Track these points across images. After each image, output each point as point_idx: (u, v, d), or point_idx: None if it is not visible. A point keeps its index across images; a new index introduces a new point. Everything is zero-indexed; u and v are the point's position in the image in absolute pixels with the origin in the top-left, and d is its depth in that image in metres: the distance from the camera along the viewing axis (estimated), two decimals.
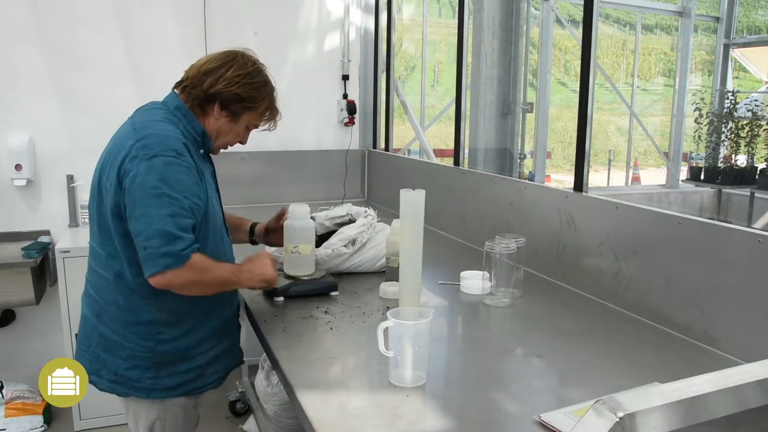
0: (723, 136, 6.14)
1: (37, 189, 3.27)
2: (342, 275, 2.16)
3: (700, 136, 6.36)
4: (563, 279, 2.16)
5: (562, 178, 10.80)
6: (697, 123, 6.24)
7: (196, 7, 3.46)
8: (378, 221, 2.23)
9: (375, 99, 3.97)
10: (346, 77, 3.89)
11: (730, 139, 6.11)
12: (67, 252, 2.91)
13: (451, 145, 3.09)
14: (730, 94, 6.25)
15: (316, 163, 3.85)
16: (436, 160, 4.02)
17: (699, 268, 1.65)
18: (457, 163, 3.00)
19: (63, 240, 3.11)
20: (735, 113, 6.09)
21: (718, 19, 7.41)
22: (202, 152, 1.70)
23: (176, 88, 1.69)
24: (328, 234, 2.20)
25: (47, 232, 3.27)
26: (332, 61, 3.87)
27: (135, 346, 1.61)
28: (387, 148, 3.85)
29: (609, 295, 1.95)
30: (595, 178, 9.47)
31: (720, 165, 6.06)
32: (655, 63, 14.67)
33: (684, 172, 6.71)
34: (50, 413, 3.13)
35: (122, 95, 3.24)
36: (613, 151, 9.82)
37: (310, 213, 2.00)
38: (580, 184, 2.14)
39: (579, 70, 2.12)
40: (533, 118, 5.58)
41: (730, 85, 7.26)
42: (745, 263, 1.53)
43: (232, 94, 1.64)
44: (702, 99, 6.29)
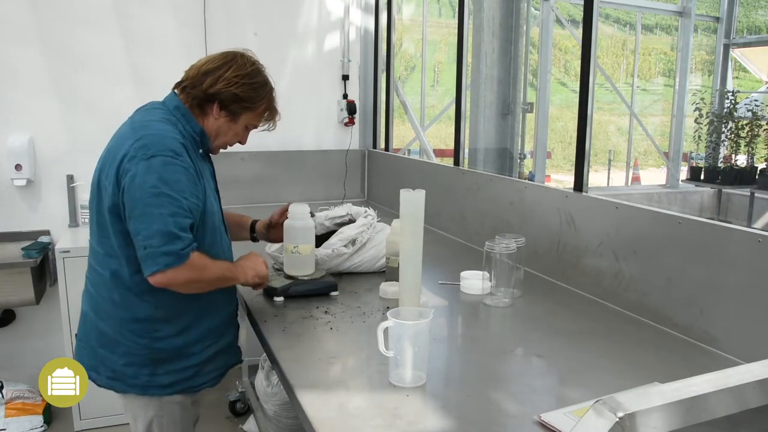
0: (723, 136, 6.14)
1: (37, 189, 3.27)
2: (342, 275, 2.16)
3: (700, 136, 6.36)
4: (563, 279, 2.16)
5: (562, 178, 10.80)
6: (697, 123, 6.24)
7: (196, 7, 3.46)
8: (378, 221, 2.23)
9: (375, 99, 3.97)
10: (346, 77, 3.89)
11: (730, 139, 6.11)
12: (67, 252, 2.91)
13: (451, 145, 3.09)
14: (730, 94, 6.25)
15: (316, 163, 3.85)
16: (436, 160, 4.02)
17: (699, 268, 1.65)
18: (457, 163, 3.00)
19: (63, 240, 3.12)
20: (735, 113, 6.09)
21: (718, 19, 7.41)
22: (201, 152, 1.71)
23: (176, 88, 1.70)
24: (328, 234, 2.20)
25: (47, 232, 3.27)
26: (332, 61, 3.87)
27: (131, 343, 1.63)
28: (387, 148, 3.85)
29: (609, 295, 1.95)
30: (595, 178, 9.47)
31: (720, 165, 6.06)
32: (655, 63, 14.66)
33: (684, 172, 6.71)
34: (50, 413, 3.13)
35: (122, 95, 3.25)
36: (613, 151, 9.82)
37: (310, 213, 2.00)
38: (580, 184, 2.14)
39: (579, 70, 2.12)
40: (533, 118, 5.58)
41: (730, 85, 7.26)
42: (745, 263, 1.53)
43: (231, 94, 1.65)
44: (702, 99, 6.29)
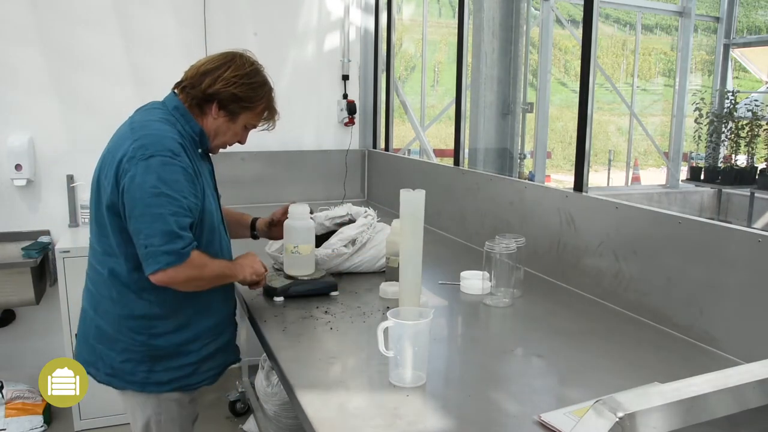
0: (723, 136, 6.14)
1: (37, 189, 3.27)
2: (342, 275, 2.16)
3: (700, 136, 6.36)
4: (563, 279, 2.16)
5: (562, 178, 10.79)
6: (697, 123, 6.24)
7: (196, 7, 3.46)
8: (378, 221, 2.23)
9: (375, 99, 3.97)
10: (346, 77, 3.89)
11: (730, 139, 6.11)
12: (67, 252, 2.91)
13: (451, 145, 3.09)
14: (730, 94, 6.25)
15: (316, 163, 3.85)
16: (436, 160, 4.02)
17: (699, 268, 1.65)
18: (457, 163, 3.00)
19: (63, 240, 3.12)
20: (735, 113, 6.09)
21: (718, 19, 7.41)
22: (200, 152, 1.72)
23: (176, 88, 1.71)
24: (328, 234, 2.20)
25: (47, 232, 3.27)
26: (332, 61, 3.87)
27: (129, 340, 1.64)
28: (387, 148, 3.85)
29: (609, 295, 1.95)
30: (595, 178, 9.47)
31: (720, 165, 6.06)
32: (655, 63, 14.66)
33: (684, 172, 6.71)
34: (50, 413, 3.13)
35: (122, 95, 3.25)
36: (613, 151, 9.82)
37: (310, 213, 2.01)
38: (580, 184, 2.14)
39: (579, 70, 2.12)
40: (533, 118, 5.58)
41: (730, 85, 7.26)
42: (745, 263, 1.53)
43: (230, 93, 1.66)
44: (702, 99, 6.29)
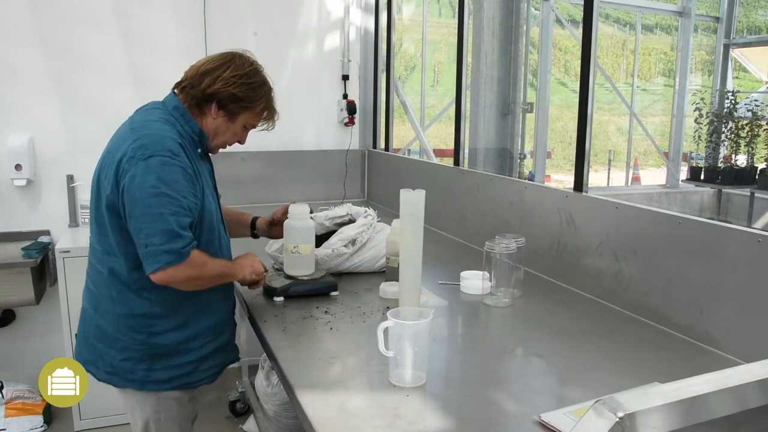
0: (723, 136, 6.14)
1: (37, 189, 3.27)
2: (342, 275, 2.16)
3: (700, 136, 6.36)
4: (563, 279, 2.16)
5: (562, 178, 10.79)
6: (697, 123, 6.25)
7: (196, 7, 3.46)
8: (378, 221, 2.23)
9: (375, 99, 3.97)
10: (346, 77, 3.89)
11: (730, 139, 6.11)
12: (67, 252, 2.91)
13: (451, 145, 3.09)
14: (730, 94, 6.25)
15: (316, 163, 3.85)
16: (436, 160, 4.02)
17: (699, 268, 1.65)
18: (457, 163, 3.00)
19: (63, 240, 3.11)
20: (735, 113, 6.09)
21: (718, 19, 7.41)
22: (200, 151, 1.72)
23: (176, 88, 1.72)
24: (328, 234, 2.20)
25: (47, 232, 3.27)
26: (332, 61, 3.87)
27: (128, 339, 1.65)
28: (387, 148, 3.85)
29: (609, 295, 1.95)
30: (595, 178, 9.47)
31: (720, 165, 6.06)
32: (655, 63, 14.66)
33: (684, 172, 6.71)
34: (50, 413, 3.13)
35: (122, 95, 3.25)
36: (613, 151, 9.82)
37: (310, 213, 2.01)
38: (580, 184, 2.14)
39: (579, 70, 2.12)
40: (533, 118, 5.58)
41: (730, 85, 7.26)
42: (745, 263, 1.53)
43: (229, 93, 1.66)
44: (702, 99, 6.29)
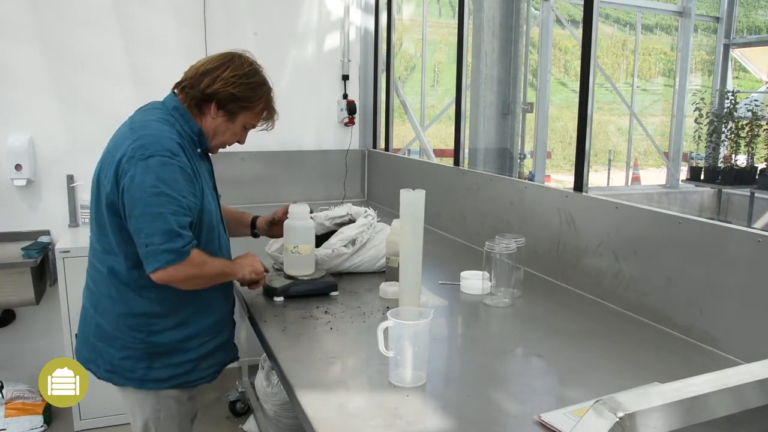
0: (723, 136, 6.14)
1: (37, 189, 3.27)
2: (342, 275, 2.16)
3: (700, 136, 6.36)
4: (563, 279, 2.16)
5: (562, 178, 10.79)
6: (697, 123, 6.25)
7: (196, 7, 3.46)
8: (378, 221, 2.23)
9: (375, 99, 3.97)
10: (346, 77, 3.89)
11: (730, 139, 6.11)
12: (67, 252, 2.91)
13: (451, 145, 3.09)
14: (730, 94, 6.25)
15: (316, 163, 3.85)
16: (436, 160, 4.02)
17: (699, 268, 1.65)
18: (457, 163, 3.00)
19: (63, 240, 3.11)
20: (735, 113, 6.09)
21: (718, 19, 7.41)
22: (199, 151, 1.73)
23: (175, 88, 1.73)
24: (328, 234, 2.20)
25: (47, 232, 3.27)
26: (332, 61, 3.87)
27: (127, 338, 1.66)
28: (387, 148, 3.85)
29: (609, 295, 1.95)
30: (595, 178, 9.47)
31: (720, 165, 6.06)
32: (655, 63, 14.65)
33: (684, 172, 6.71)
34: (50, 413, 3.13)
35: (122, 95, 3.25)
36: (613, 151, 9.81)
37: (310, 213, 2.01)
38: (580, 184, 2.14)
39: (579, 70, 2.12)
40: (533, 118, 5.58)
41: (730, 85, 7.25)
42: (745, 263, 1.53)
43: (228, 93, 1.67)
44: (702, 99, 6.29)
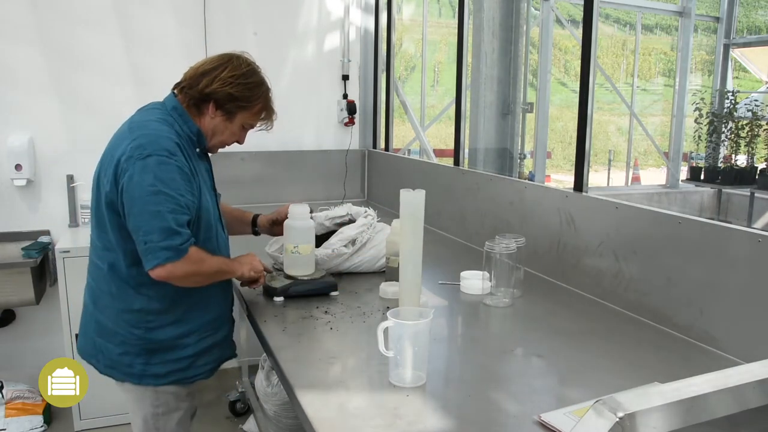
0: (723, 136, 6.14)
1: (37, 189, 3.27)
2: (342, 275, 2.16)
3: (700, 136, 6.36)
4: (563, 279, 2.16)
5: (562, 178, 10.79)
6: (697, 123, 6.24)
7: (196, 7, 3.46)
8: (378, 221, 2.23)
9: (375, 99, 3.97)
10: (346, 77, 3.89)
11: (730, 139, 6.11)
12: (67, 252, 2.91)
13: (451, 145, 3.09)
14: (730, 94, 6.25)
15: (316, 163, 3.85)
16: (436, 160, 4.02)
17: (699, 268, 1.65)
18: (457, 163, 3.00)
19: (63, 240, 3.11)
20: (735, 113, 6.09)
21: (718, 19, 7.41)
22: (198, 151, 1.75)
23: (175, 89, 1.75)
24: (328, 234, 2.20)
25: (47, 232, 3.27)
26: (332, 61, 3.87)
27: (126, 333, 1.68)
28: (387, 148, 3.85)
29: (609, 295, 1.95)
30: (595, 178, 9.47)
31: (720, 165, 6.06)
32: (655, 63, 14.65)
33: (684, 172, 6.71)
34: (50, 413, 3.13)
35: (122, 95, 3.25)
36: (613, 151, 9.81)
37: (310, 213, 2.01)
38: (580, 184, 2.14)
39: (579, 70, 2.12)
40: (533, 118, 5.57)
41: (730, 85, 7.25)
42: (745, 263, 1.53)
43: (226, 93, 1.69)
44: (702, 99, 6.29)
